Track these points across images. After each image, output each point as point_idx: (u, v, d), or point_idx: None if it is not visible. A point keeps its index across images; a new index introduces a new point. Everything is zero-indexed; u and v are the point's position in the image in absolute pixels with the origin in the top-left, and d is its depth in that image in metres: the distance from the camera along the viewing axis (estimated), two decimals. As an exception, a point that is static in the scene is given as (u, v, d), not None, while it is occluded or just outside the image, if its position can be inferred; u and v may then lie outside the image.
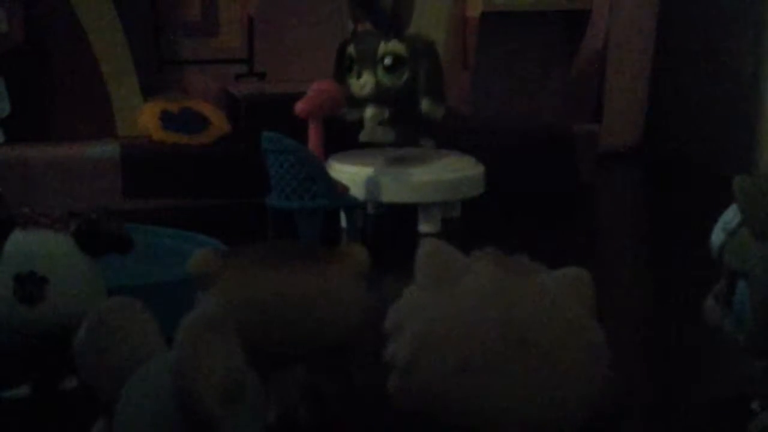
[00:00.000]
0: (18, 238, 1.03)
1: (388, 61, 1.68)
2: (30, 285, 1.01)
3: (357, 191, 1.67)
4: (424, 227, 1.71)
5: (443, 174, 1.73)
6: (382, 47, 1.69)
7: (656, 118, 2.36)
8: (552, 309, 0.84)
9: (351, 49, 1.72)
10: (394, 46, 1.69)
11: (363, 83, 1.68)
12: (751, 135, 2.14)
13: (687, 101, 2.34)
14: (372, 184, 1.71)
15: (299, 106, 1.57)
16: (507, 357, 0.82)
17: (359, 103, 1.70)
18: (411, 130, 1.75)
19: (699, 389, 1.14)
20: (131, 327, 0.81)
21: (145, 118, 1.91)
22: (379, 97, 1.70)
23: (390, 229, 1.75)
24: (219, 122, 1.94)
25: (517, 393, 0.82)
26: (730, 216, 1.00)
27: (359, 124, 1.72)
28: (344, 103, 1.66)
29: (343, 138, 1.75)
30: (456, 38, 2.09)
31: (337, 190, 1.57)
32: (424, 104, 1.68)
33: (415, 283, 0.88)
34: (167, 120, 1.91)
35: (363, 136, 1.71)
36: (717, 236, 1.01)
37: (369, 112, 1.71)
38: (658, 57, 2.34)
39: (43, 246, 1.02)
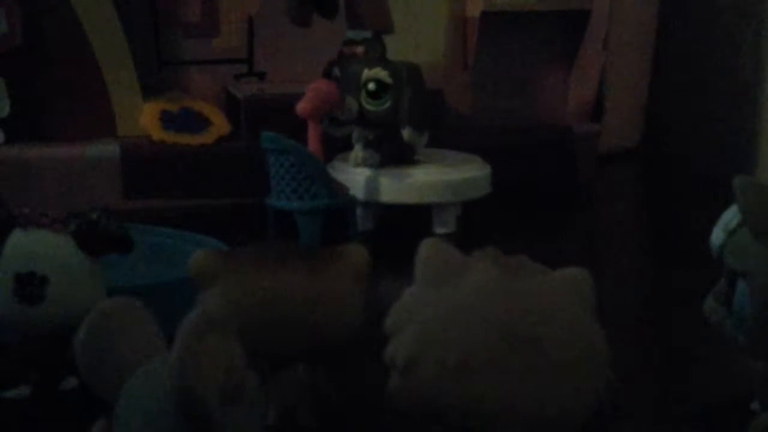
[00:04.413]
0: (18, 238, 1.03)
1: (371, 86, 1.68)
2: (30, 285, 1.01)
3: (359, 192, 1.67)
4: (438, 228, 1.70)
5: (446, 175, 1.73)
6: (366, 73, 1.69)
7: (656, 118, 2.36)
8: (552, 309, 0.84)
9: (336, 72, 1.71)
10: (378, 72, 1.68)
11: (348, 107, 1.68)
12: (751, 135, 2.14)
13: (687, 101, 2.34)
14: (375, 184, 1.70)
15: (299, 106, 1.57)
16: (507, 357, 0.81)
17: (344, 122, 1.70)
18: (395, 152, 1.75)
19: (699, 389, 1.14)
20: (131, 327, 0.81)
21: (145, 118, 1.91)
22: (361, 121, 1.70)
23: (402, 230, 1.74)
24: (219, 122, 1.94)
25: (517, 393, 0.81)
26: (730, 216, 1.00)
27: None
28: (342, 103, 1.66)
29: (343, 138, 1.75)
30: (456, 38, 2.09)
31: (337, 190, 1.57)
32: (406, 133, 1.69)
33: (415, 283, 0.88)
34: (167, 120, 1.91)
35: (350, 161, 1.73)
36: (717, 236, 1.01)
37: (354, 136, 1.73)
38: (658, 57, 2.34)
39: (43, 246, 1.02)
